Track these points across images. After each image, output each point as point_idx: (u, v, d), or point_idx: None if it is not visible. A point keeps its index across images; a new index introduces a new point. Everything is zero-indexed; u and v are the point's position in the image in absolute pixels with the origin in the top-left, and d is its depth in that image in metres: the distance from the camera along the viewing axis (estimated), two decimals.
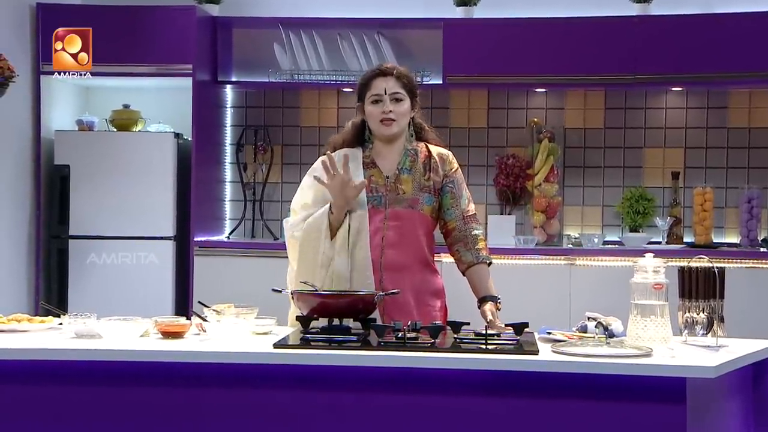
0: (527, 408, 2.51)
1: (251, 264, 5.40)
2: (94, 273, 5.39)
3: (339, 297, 2.85)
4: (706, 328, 2.71)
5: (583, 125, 5.79)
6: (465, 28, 5.58)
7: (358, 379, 2.58)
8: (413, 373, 2.55)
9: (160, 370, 2.63)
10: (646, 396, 2.44)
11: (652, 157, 5.75)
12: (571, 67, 5.47)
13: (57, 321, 3.01)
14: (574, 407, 2.49)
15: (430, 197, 3.24)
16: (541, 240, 5.56)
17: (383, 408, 2.57)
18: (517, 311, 3.05)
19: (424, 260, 3.21)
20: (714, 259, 5.02)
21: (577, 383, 2.47)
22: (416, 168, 3.25)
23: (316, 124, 5.93)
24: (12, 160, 5.29)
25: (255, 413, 2.62)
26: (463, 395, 2.55)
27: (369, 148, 3.28)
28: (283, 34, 5.67)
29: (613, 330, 2.82)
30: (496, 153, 5.77)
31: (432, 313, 3.17)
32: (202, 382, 2.63)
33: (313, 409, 2.60)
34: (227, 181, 5.98)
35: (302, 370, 2.59)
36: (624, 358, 2.46)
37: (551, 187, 5.60)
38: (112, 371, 2.64)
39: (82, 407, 2.66)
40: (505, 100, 5.82)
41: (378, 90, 3.20)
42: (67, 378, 2.66)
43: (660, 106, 5.75)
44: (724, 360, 2.47)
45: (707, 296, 2.73)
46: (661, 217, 5.58)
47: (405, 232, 3.18)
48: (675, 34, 5.41)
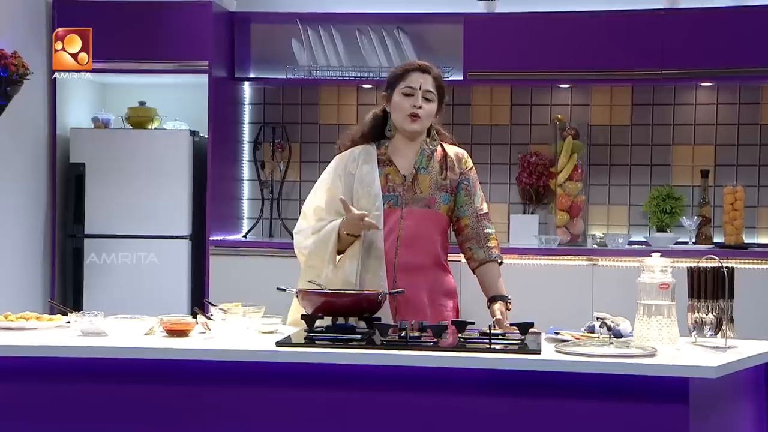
0: (529, 407, 2.59)
1: (269, 264, 5.50)
2: (109, 272, 5.54)
3: (343, 296, 2.95)
4: (715, 329, 2.77)
5: (609, 122, 5.84)
6: (487, 23, 5.65)
7: (360, 377, 2.67)
8: (415, 371, 2.64)
9: (163, 368, 2.74)
10: (648, 396, 2.51)
11: (681, 155, 5.79)
12: (597, 62, 5.53)
13: (65, 319, 3.13)
14: (577, 407, 2.56)
15: (447, 196, 3.33)
16: (565, 240, 5.62)
17: (385, 406, 2.66)
18: (537, 312, 3.11)
19: (437, 260, 3.30)
20: (744, 261, 5.11)
21: (580, 383, 2.55)
22: (433, 167, 3.33)
23: (335, 121, 6.02)
24: (27, 158, 5.45)
25: (257, 411, 2.72)
26: (465, 394, 2.63)
27: (386, 145, 3.36)
28: (301, 29, 5.77)
29: (621, 330, 2.89)
30: (518, 151, 5.84)
31: (444, 313, 3.25)
32: (206, 379, 2.74)
33: (315, 408, 2.70)
34: (245, 180, 6.10)
35: (304, 369, 2.69)
36: (625, 358, 2.54)
37: (575, 186, 5.66)
38: (116, 368, 2.75)
39: (86, 404, 2.77)
40: (528, 96, 5.89)
41: (413, 83, 3.27)
42: (71, 375, 2.78)
43: (689, 102, 5.79)
44: (727, 360, 2.53)
45: (716, 296, 2.78)
46: (689, 216, 5.62)
47: (420, 232, 3.27)
48: (705, 27, 5.44)
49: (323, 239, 3.22)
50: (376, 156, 3.34)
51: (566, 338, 2.88)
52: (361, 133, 3.41)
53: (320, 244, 3.22)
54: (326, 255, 3.20)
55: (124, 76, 5.70)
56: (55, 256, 5.61)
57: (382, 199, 3.26)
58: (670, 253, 4.82)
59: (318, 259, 3.22)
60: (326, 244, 3.21)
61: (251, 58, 5.98)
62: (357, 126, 3.47)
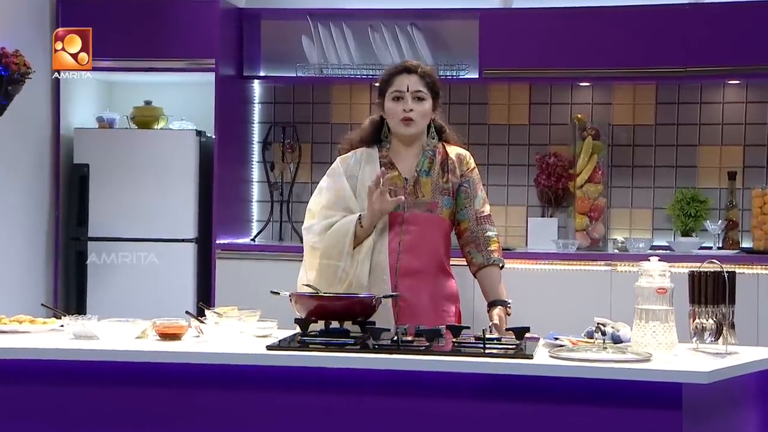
0: (522, 412, 2.70)
1: (278, 268, 5.58)
2: (113, 276, 5.68)
3: (336, 299, 3.07)
4: (715, 335, 2.86)
5: (632, 122, 5.90)
6: (503, 18, 5.75)
7: (351, 381, 2.78)
8: (407, 376, 2.75)
9: (154, 371, 2.87)
10: (641, 402, 2.60)
11: (707, 156, 5.84)
12: (619, 59, 5.59)
13: (59, 323, 3.27)
14: (570, 412, 2.66)
15: (449, 200, 3.43)
16: (584, 244, 5.69)
17: (377, 411, 2.77)
18: (552, 318, 3.20)
19: (440, 265, 3.41)
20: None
21: (572, 388, 2.65)
22: (434, 169, 3.43)
23: (347, 120, 6.12)
24: (30, 159, 5.61)
25: (249, 415, 2.84)
26: (457, 398, 2.74)
27: (386, 147, 3.48)
28: (311, 26, 5.88)
29: (621, 336, 2.99)
30: (537, 152, 5.92)
31: (446, 318, 3.36)
32: (196, 383, 2.86)
33: (307, 412, 2.81)
34: (254, 181, 6.23)
35: (294, 372, 2.81)
36: (617, 363, 2.63)
37: (595, 188, 5.73)
38: (106, 371, 2.89)
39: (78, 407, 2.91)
40: (547, 95, 5.97)
41: (400, 87, 3.39)
42: (62, 378, 2.92)
43: (716, 100, 5.84)
44: (722, 366, 2.62)
45: (716, 302, 2.86)
46: (715, 220, 5.65)
47: (422, 237, 3.38)
48: (732, 21, 5.48)
49: (341, 231, 3.33)
50: (378, 158, 3.45)
51: (564, 344, 2.97)
52: (360, 138, 3.53)
53: (338, 236, 3.33)
54: (344, 247, 3.31)
55: (129, 74, 5.86)
56: (58, 259, 5.76)
57: None
58: (692, 259, 4.86)
59: (336, 251, 3.31)
60: (345, 236, 3.32)
61: (261, 56, 6.11)
62: (356, 130, 3.58)
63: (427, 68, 3.48)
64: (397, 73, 3.43)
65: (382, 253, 3.32)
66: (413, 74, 3.40)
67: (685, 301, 2.93)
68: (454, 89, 5.88)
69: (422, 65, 3.48)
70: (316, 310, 3.02)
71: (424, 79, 3.41)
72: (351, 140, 3.58)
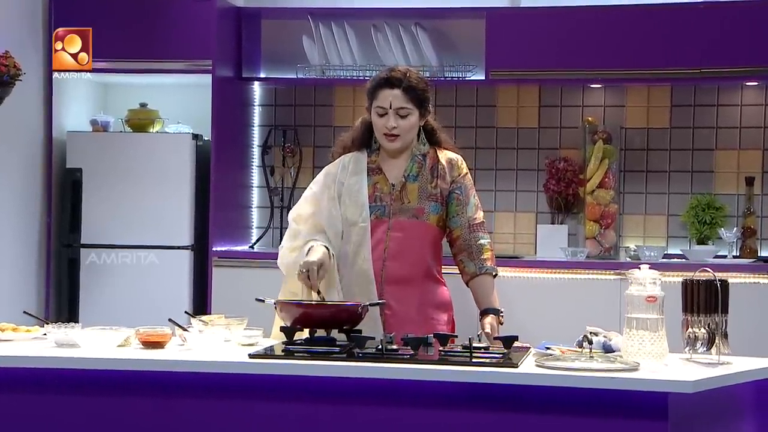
0: (507, 421, 2.81)
1: (277, 276, 5.57)
2: (107, 283, 5.80)
3: (321, 307, 3.19)
4: (707, 345, 2.95)
5: (645, 125, 5.99)
6: (511, 18, 5.85)
7: (334, 390, 2.90)
8: (391, 384, 2.86)
9: (135, 379, 2.99)
10: (627, 411, 2.70)
11: (724, 161, 5.92)
12: (632, 59, 5.67)
13: (42, 331, 3.40)
14: (555, 422, 2.77)
15: (437, 206, 3.53)
16: (595, 252, 5.77)
17: (361, 420, 2.89)
18: (557, 329, 3.27)
19: (428, 272, 3.52)
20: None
21: (557, 397, 2.75)
22: (423, 175, 3.55)
23: (350, 123, 6.09)
24: (21, 163, 5.73)
25: (232, 424, 2.96)
26: (442, 407, 2.85)
27: (376, 152, 3.59)
28: (312, 25, 5.99)
29: (612, 345, 3.09)
30: (547, 156, 6.00)
31: (437, 326, 3.46)
32: (179, 391, 2.98)
33: (290, 420, 2.93)
34: (254, 186, 6.35)
35: (278, 381, 2.93)
36: (602, 372, 2.73)
37: (606, 194, 5.82)
38: (88, 379, 3.01)
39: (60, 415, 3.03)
40: (557, 97, 6.06)
41: (383, 103, 3.49)
42: (44, 386, 3.04)
43: (734, 102, 5.91)
44: (708, 376, 2.71)
45: (708, 311, 2.96)
46: (732, 227, 5.72)
47: (408, 244, 3.49)
48: (749, 22, 5.57)
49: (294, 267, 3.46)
50: (366, 164, 3.58)
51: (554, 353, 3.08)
52: (351, 140, 3.66)
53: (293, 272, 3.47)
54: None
55: (124, 76, 5.97)
56: (50, 266, 5.88)
57: (369, 210, 3.49)
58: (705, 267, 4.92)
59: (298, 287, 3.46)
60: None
61: (261, 57, 6.21)
62: (348, 133, 3.70)
63: (412, 79, 3.49)
64: (381, 87, 3.50)
65: (366, 260, 3.44)
66: (396, 89, 3.46)
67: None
68: (461, 91, 5.99)
69: (407, 76, 3.49)
70: (301, 318, 3.13)
71: (407, 94, 3.46)
72: (344, 143, 3.70)
